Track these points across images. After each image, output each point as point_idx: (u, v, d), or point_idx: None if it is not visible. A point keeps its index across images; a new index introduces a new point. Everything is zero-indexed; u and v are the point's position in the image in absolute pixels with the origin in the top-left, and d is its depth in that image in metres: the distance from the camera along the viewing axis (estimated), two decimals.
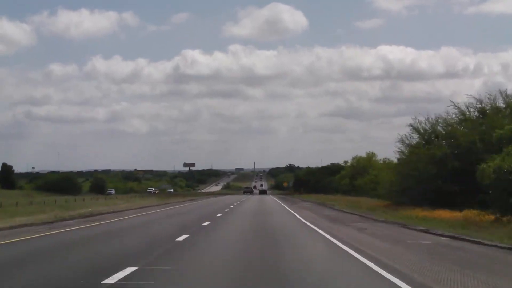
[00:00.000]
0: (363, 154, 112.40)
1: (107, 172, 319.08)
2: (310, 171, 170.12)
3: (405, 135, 52.46)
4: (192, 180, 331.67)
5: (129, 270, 13.93)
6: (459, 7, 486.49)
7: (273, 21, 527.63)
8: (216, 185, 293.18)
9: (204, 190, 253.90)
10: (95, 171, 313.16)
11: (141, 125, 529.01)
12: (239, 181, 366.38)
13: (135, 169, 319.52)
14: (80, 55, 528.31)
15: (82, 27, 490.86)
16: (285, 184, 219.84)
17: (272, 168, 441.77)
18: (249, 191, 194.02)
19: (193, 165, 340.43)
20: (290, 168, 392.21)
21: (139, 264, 14.89)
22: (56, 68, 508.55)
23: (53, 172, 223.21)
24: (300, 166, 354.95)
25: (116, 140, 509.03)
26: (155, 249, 18.97)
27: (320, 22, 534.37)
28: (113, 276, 13.05)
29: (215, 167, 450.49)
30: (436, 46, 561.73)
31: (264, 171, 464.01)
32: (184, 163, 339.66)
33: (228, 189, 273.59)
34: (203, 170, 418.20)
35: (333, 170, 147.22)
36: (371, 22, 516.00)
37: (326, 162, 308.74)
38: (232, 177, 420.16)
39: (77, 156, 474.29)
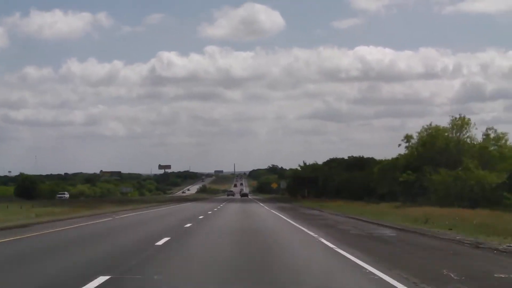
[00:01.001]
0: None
1: (77, 175, 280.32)
2: (314, 167, 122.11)
3: None
4: (164, 183, 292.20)
5: None
6: (438, 6, 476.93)
7: (250, 21, 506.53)
8: (182, 192, 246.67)
9: (176, 194, 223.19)
10: (66, 174, 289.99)
11: (118, 128, 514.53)
12: (217, 184, 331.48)
13: (101, 170, 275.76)
14: (55, 57, 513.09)
15: (56, 28, 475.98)
16: (273, 186, 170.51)
17: (253, 170, 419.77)
18: (231, 194, 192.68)
19: (169, 167, 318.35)
20: (273, 169, 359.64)
21: None
22: (31, 71, 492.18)
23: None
24: (284, 167, 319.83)
25: (93, 143, 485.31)
26: None
27: (297, 22, 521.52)
28: None
29: (194, 170, 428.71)
30: (415, 47, 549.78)
31: (244, 173, 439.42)
32: (159, 165, 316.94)
33: (203, 193, 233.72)
34: (179, 172, 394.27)
35: (350, 163, 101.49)
36: (349, 22, 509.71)
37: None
38: (209, 179, 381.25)
39: (54, 159, 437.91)
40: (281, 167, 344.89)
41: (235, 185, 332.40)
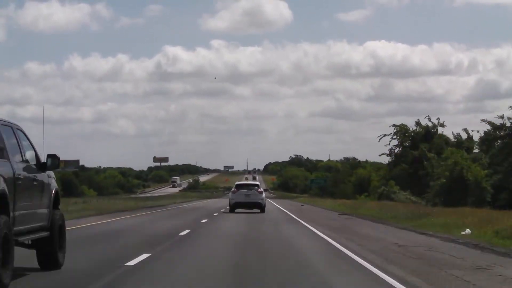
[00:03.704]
0: None
1: None
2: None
3: None
4: (143, 179, 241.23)
5: None
6: None
7: (256, 13, 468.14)
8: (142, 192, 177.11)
9: (149, 194, 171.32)
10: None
11: (124, 125, 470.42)
12: (221, 179, 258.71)
13: None
14: (56, 52, 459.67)
15: (53, 21, 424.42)
16: None
17: (270, 163, 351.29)
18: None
19: (166, 159, 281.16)
20: (296, 161, 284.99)
21: None
22: (33, 66, 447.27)
23: None
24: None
25: (96, 140, 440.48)
26: None
27: (305, 14, 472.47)
28: None
29: (200, 165, 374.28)
30: (428, 41, 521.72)
31: (258, 169, 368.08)
32: (154, 157, 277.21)
33: (194, 191, 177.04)
34: (177, 165, 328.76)
35: None
36: (356, 14, 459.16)
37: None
38: (209, 176, 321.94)
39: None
40: (307, 157, 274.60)
41: (246, 178, 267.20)
